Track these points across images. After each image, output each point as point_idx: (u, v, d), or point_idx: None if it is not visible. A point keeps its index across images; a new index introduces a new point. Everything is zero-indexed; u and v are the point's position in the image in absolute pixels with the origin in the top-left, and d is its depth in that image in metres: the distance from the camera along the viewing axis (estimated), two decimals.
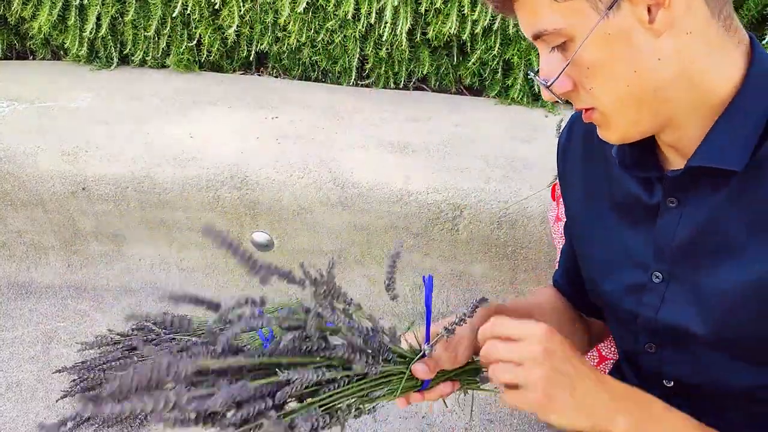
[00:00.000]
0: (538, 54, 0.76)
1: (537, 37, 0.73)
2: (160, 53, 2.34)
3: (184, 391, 0.60)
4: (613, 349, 1.40)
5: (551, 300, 1.08)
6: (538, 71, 0.76)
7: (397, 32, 2.12)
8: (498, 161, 1.86)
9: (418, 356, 0.79)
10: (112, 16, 2.25)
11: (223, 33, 2.31)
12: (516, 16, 0.75)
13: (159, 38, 2.32)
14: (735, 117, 0.71)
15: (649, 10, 0.67)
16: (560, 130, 1.39)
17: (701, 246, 0.77)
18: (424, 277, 0.86)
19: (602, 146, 0.87)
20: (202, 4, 2.24)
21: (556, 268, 1.18)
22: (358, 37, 2.22)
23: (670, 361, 0.87)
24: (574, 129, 0.97)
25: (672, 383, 0.90)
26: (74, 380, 1.63)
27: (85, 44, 2.31)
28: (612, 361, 1.40)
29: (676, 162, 0.80)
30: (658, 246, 0.82)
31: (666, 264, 0.82)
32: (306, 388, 0.70)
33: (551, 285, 1.14)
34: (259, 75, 2.46)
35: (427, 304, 0.84)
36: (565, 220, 1.06)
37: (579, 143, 0.95)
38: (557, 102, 0.81)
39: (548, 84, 0.73)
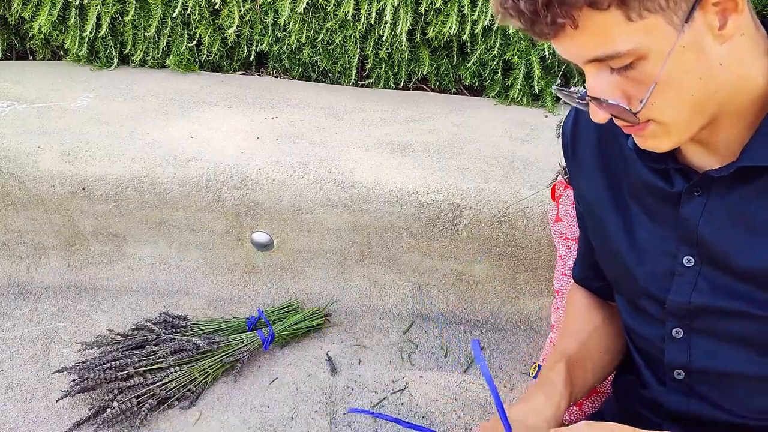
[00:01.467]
0: (581, 73, 0.74)
1: (598, 60, 0.70)
2: (160, 53, 2.34)
3: None
4: None
5: (585, 321, 1.06)
6: (583, 91, 0.74)
7: (397, 32, 2.12)
8: (498, 161, 1.86)
9: None
10: (112, 16, 2.25)
11: (223, 33, 2.31)
12: (558, 41, 0.71)
13: (159, 38, 2.32)
14: None
15: (719, 17, 0.67)
16: (560, 128, 1.39)
17: (729, 230, 0.79)
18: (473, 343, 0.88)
19: (616, 133, 0.86)
20: (202, 4, 2.24)
21: (553, 267, 1.18)
22: (358, 37, 2.22)
23: (698, 347, 0.88)
24: (580, 119, 0.96)
25: (683, 374, 0.91)
26: (74, 380, 1.62)
27: (85, 44, 2.31)
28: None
29: (696, 155, 0.81)
30: (684, 232, 0.83)
31: (695, 248, 0.83)
32: None
33: (574, 288, 1.14)
34: (259, 75, 2.46)
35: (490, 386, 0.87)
36: (580, 209, 1.05)
37: (592, 132, 0.94)
38: (575, 105, 0.79)
39: (603, 101, 0.71)
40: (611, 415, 1.00)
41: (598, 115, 0.74)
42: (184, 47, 2.33)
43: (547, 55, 2.09)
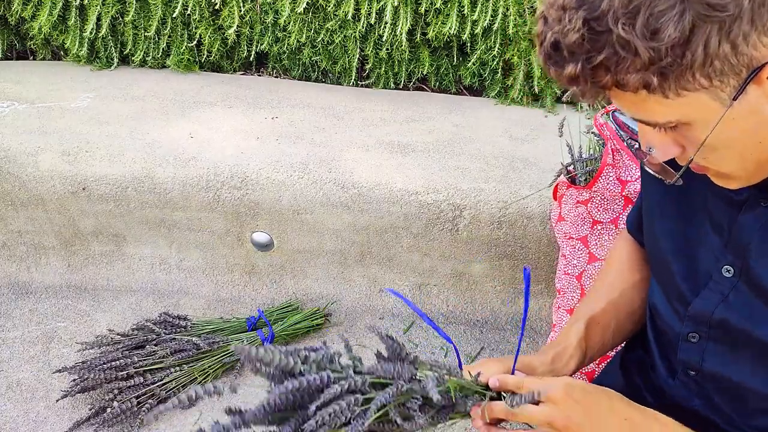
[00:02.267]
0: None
1: (644, 122, 0.70)
2: (160, 53, 2.34)
3: None
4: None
5: (621, 277, 1.05)
6: (638, 143, 0.73)
7: (397, 32, 2.12)
8: (498, 161, 1.86)
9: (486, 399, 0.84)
10: (112, 16, 2.25)
11: (223, 33, 2.31)
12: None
13: (159, 38, 2.32)
14: None
15: None
16: (561, 130, 1.39)
17: None
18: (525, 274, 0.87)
19: None
20: (202, 5, 2.24)
21: (553, 267, 1.18)
22: (358, 37, 2.22)
23: (712, 353, 0.86)
24: None
25: (694, 373, 0.90)
26: (74, 380, 1.62)
27: (86, 44, 2.31)
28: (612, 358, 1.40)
29: None
30: (734, 240, 0.79)
31: (739, 259, 0.79)
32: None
33: (623, 236, 1.11)
34: (259, 75, 2.46)
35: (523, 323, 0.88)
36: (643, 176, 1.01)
37: None
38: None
39: (655, 157, 0.71)
40: (613, 385, 1.00)
41: (649, 163, 0.73)
42: (184, 47, 2.33)
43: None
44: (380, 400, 0.72)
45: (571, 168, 1.51)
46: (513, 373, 0.86)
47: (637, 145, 0.75)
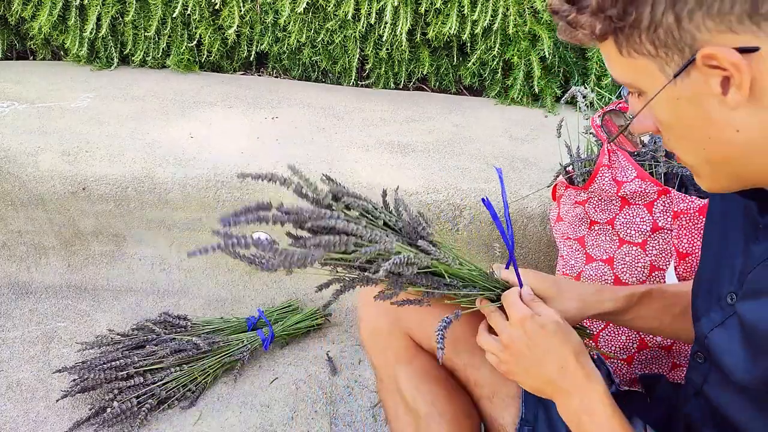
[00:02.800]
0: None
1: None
2: (160, 53, 2.35)
3: None
4: (613, 347, 1.40)
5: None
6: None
7: (397, 32, 2.12)
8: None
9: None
10: (112, 16, 2.25)
11: (223, 33, 2.31)
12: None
13: (159, 38, 2.32)
14: None
15: (723, 83, 0.62)
16: (560, 130, 1.40)
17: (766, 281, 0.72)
18: (483, 199, 0.99)
19: None
20: (202, 5, 2.24)
21: (553, 267, 1.18)
22: (358, 37, 2.22)
23: (714, 379, 0.84)
24: None
25: (700, 396, 0.88)
26: (74, 380, 1.62)
27: (86, 44, 2.31)
28: (611, 360, 1.40)
29: None
30: (746, 268, 0.76)
31: (741, 287, 0.77)
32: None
33: None
34: (259, 75, 2.46)
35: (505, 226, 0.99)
36: None
37: None
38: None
39: (628, 121, 0.73)
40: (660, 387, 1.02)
41: (632, 126, 0.75)
42: (184, 47, 2.33)
43: (547, 55, 2.09)
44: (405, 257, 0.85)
45: (569, 168, 1.51)
46: (521, 286, 0.95)
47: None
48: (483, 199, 0.98)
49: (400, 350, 1.08)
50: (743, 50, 0.59)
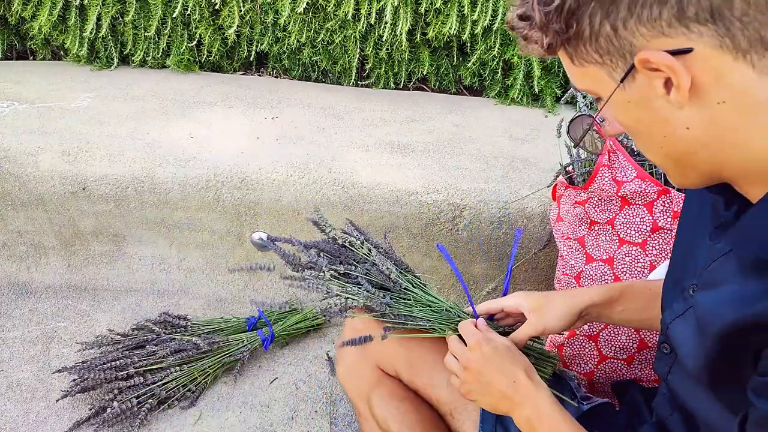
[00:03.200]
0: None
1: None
2: (160, 53, 2.34)
3: None
4: (613, 347, 1.40)
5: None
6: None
7: (397, 32, 2.12)
8: (498, 161, 1.86)
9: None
10: (112, 16, 2.25)
11: (223, 33, 2.31)
12: None
13: (159, 38, 2.32)
14: None
15: (666, 85, 0.65)
16: (560, 131, 1.40)
17: (729, 281, 0.73)
18: (438, 245, 1.23)
19: None
20: (202, 5, 2.24)
21: (553, 267, 1.20)
22: (358, 37, 2.22)
23: (677, 370, 0.87)
24: None
25: (666, 388, 0.91)
26: (74, 380, 1.62)
27: (86, 44, 2.31)
28: (612, 360, 1.40)
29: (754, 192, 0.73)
30: (706, 259, 0.78)
31: (700, 280, 0.78)
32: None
33: None
34: (259, 75, 2.46)
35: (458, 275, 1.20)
36: None
37: None
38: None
39: (600, 123, 0.78)
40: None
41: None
42: (184, 47, 2.33)
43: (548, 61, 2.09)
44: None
45: (569, 168, 1.51)
46: (476, 317, 1.12)
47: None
48: (438, 245, 1.23)
49: (372, 378, 1.22)
50: (676, 52, 0.62)
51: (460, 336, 1.08)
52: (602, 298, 1.07)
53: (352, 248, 1.25)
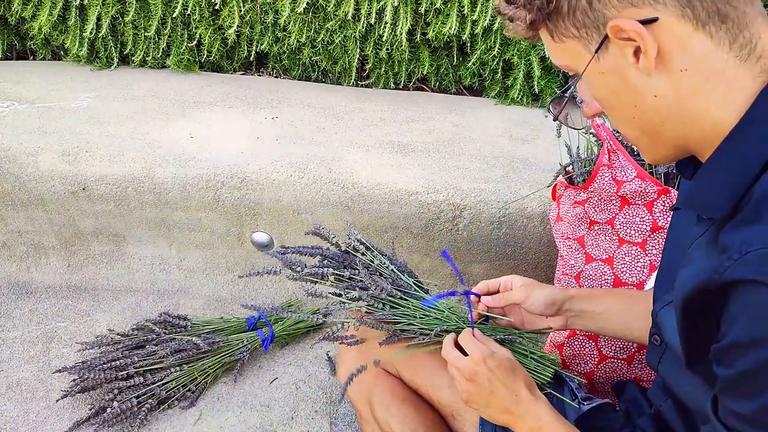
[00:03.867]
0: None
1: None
2: (160, 53, 2.35)
3: None
4: (613, 347, 1.40)
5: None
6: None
7: (397, 32, 2.12)
8: (498, 161, 1.86)
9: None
10: (112, 16, 2.25)
11: (223, 33, 2.31)
12: None
13: (159, 38, 2.32)
14: (722, 160, 0.70)
15: (636, 53, 0.70)
16: (560, 131, 1.40)
17: (695, 252, 0.77)
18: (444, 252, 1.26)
19: None
20: (202, 5, 2.24)
21: (553, 267, 1.21)
22: (358, 37, 2.22)
23: (668, 359, 0.90)
24: None
25: (658, 377, 0.94)
26: (74, 380, 1.62)
27: (86, 44, 2.32)
28: (612, 359, 1.40)
29: None
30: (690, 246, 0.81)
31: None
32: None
33: None
34: (259, 75, 2.46)
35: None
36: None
37: None
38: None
39: (585, 110, 0.83)
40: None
41: (582, 110, 0.85)
42: (184, 47, 2.33)
43: (547, 55, 2.09)
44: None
45: (569, 168, 1.51)
46: (473, 327, 1.12)
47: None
48: (443, 252, 1.25)
49: (371, 378, 1.23)
50: (644, 22, 0.68)
51: (456, 343, 1.10)
52: (586, 291, 1.14)
53: (356, 254, 1.27)
